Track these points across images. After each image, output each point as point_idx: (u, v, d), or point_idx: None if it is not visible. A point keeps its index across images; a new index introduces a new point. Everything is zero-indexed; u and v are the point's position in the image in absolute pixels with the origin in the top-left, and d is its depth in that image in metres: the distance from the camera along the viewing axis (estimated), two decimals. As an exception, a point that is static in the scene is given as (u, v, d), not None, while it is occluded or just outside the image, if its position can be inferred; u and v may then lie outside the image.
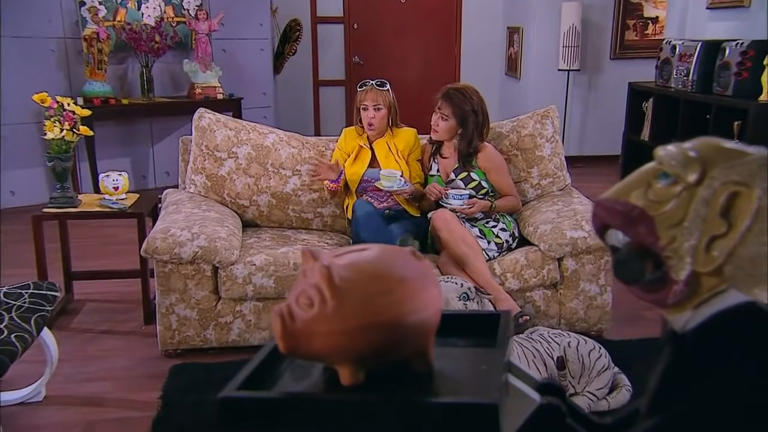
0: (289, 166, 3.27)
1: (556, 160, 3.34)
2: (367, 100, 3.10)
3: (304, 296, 0.87)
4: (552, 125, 3.34)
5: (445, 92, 3.07)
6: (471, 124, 3.03)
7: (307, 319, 0.86)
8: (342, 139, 3.26)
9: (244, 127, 3.27)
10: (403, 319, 0.84)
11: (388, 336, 0.84)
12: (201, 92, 5.64)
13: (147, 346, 3.00)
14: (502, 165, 3.13)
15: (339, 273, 0.85)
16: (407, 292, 0.85)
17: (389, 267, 0.87)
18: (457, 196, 2.99)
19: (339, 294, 0.84)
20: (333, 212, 3.33)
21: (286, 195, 3.26)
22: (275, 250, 2.89)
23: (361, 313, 0.83)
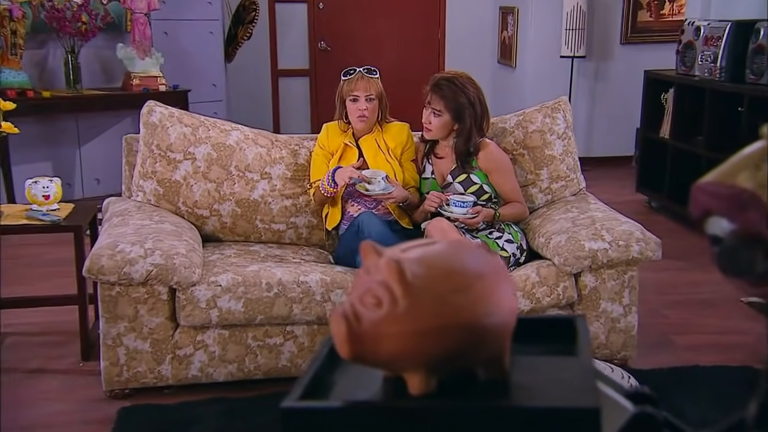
0: (257, 168, 3.29)
1: (568, 160, 3.43)
2: (358, 89, 3.16)
3: (370, 295, 0.91)
4: (564, 119, 3.43)
5: (434, 83, 3.14)
6: (468, 119, 3.10)
7: (376, 320, 0.90)
8: (323, 137, 3.30)
9: (202, 123, 3.30)
10: (480, 320, 0.89)
11: (463, 338, 0.88)
12: (139, 83, 5.64)
13: (88, 387, 2.99)
14: (506, 165, 3.20)
15: (411, 269, 0.89)
16: (484, 289, 0.90)
17: (464, 262, 0.92)
18: (460, 203, 3.05)
19: (411, 292, 0.88)
20: (309, 222, 3.37)
21: (254, 203, 3.29)
22: (244, 268, 2.91)
23: (435, 313, 0.88)
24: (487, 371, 0.95)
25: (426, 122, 3.15)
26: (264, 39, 7.15)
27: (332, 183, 3.11)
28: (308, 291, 2.85)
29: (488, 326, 0.89)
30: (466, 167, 3.16)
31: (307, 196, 3.34)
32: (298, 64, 7.30)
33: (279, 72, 7.30)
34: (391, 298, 0.89)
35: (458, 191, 3.16)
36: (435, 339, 0.88)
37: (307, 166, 3.35)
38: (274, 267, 2.95)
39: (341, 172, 3.09)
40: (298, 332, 2.92)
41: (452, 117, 3.11)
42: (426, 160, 3.29)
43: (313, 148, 3.36)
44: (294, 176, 3.35)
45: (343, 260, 3.10)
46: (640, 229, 3.02)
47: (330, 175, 3.12)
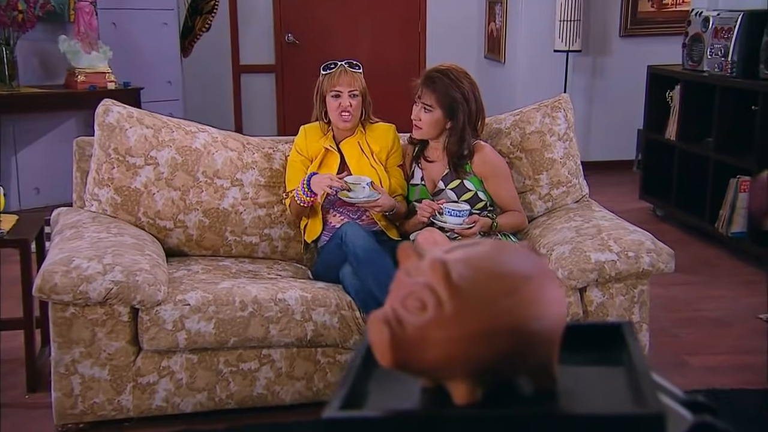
0: (227, 174, 3.32)
1: (570, 164, 3.51)
2: (341, 84, 3.21)
3: (413, 298, 0.95)
4: (565, 119, 3.51)
5: (425, 76, 3.20)
6: (461, 115, 3.16)
7: (421, 324, 0.94)
8: (301, 141, 3.34)
9: (165, 124, 3.33)
10: (529, 324, 0.93)
11: (512, 344, 0.93)
12: (84, 80, 5.65)
13: (35, 422, 2.99)
14: (503, 170, 3.27)
15: (457, 270, 0.93)
16: (533, 291, 0.95)
17: (511, 263, 0.97)
18: (455, 211, 3.09)
19: (458, 294, 0.92)
20: (285, 234, 3.41)
21: (224, 212, 3.31)
22: (214, 285, 2.94)
23: (483, 317, 0.92)
24: (535, 380, 1.00)
25: (415, 118, 3.20)
26: (224, 31, 7.19)
27: (308, 192, 3.15)
28: (287, 310, 2.88)
29: (537, 331, 0.94)
30: (460, 172, 3.21)
31: (282, 206, 3.38)
32: (263, 59, 7.35)
33: (241, 68, 7.33)
34: (437, 301, 0.93)
35: (451, 199, 3.21)
36: (483, 344, 0.93)
37: (282, 171, 3.39)
38: (248, 284, 2.98)
39: (318, 179, 3.13)
40: (275, 356, 2.94)
41: (444, 113, 3.16)
42: (415, 164, 3.34)
43: (289, 152, 3.40)
44: (268, 183, 3.38)
45: (324, 275, 3.14)
46: (650, 239, 3.08)
47: (305, 183, 3.16)
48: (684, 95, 5.44)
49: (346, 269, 2.97)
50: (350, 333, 2.94)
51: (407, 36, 7.54)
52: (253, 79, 7.39)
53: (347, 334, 2.94)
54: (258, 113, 7.42)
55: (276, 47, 7.33)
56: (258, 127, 7.29)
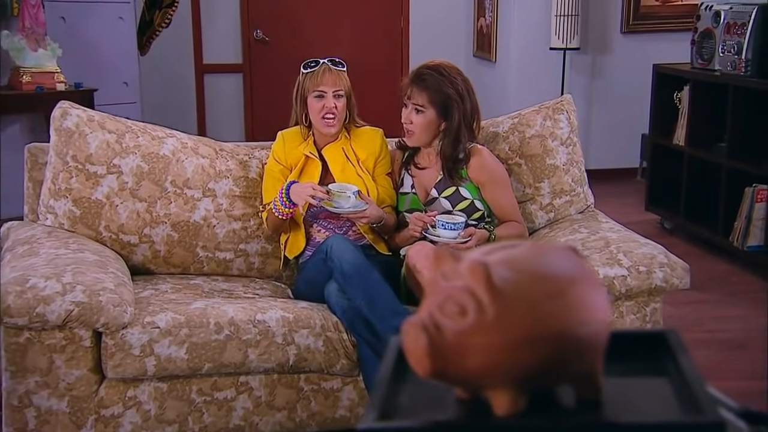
0: (199, 184, 3.35)
1: (574, 171, 3.57)
2: (324, 84, 3.24)
3: (451, 303, 0.98)
4: (568, 122, 3.57)
5: (415, 74, 3.24)
6: (456, 115, 3.20)
7: (461, 330, 0.97)
8: (279, 147, 3.37)
9: (130, 128, 3.35)
10: (574, 329, 0.97)
11: (556, 350, 0.96)
12: (30, 81, 5.63)
13: (-14, 459, 2.98)
14: (502, 177, 3.31)
15: (498, 272, 0.97)
16: (578, 295, 0.99)
17: (555, 265, 1.00)
18: (449, 224, 3.12)
19: (500, 298, 0.96)
20: (262, 249, 3.43)
21: (195, 226, 3.34)
22: (186, 306, 2.95)
23: (527, 322, 0.96)
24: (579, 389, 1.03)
25: (406, 122, 3.23)
26: (186, 27, 7.21)
27: (287, 203, 3.17)
28: (267, 332, 2.91)
29: (583, 337, 0.98)
30: (455, 178, 3.25)
31: (259, 218, 3.41)
32: (229, 58, 7.38)
33: (205, 67, 7.36)
34: (478, 305, 0.97)
35: (445, 208, 3.25)
36: (526, 351, 0.96)
37: (259, 181, 3.42)
38: (224, 303, 3.00)
39: (299, 189, 3.15)
40: (253, 383, 2.96)
41: (437, 113, 3.20)
42: (404, 170, 3.38)
43: (266, 160, 3.43)
44: (244, 193, 3.41)
45: (306, 294, 3.17)
46: (663, 252, 3.14)
47: (284, 193, 3.18)
48: (693, 96, 5.53)
49: (332, 287, 3.00)
50: (336, 357, 2.96)
51: (388, 33, 7.60)
52: (219, 79, 7.41)
53: (333, 359, 2.96)
54: (224, 117, 7.44)
55: (244, 45, 7.36)
56: (224, 132, 7.30)
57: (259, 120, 7.37)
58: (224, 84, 7.43)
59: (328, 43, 7.27)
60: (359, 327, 2.92)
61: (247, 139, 7.15)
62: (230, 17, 7.35)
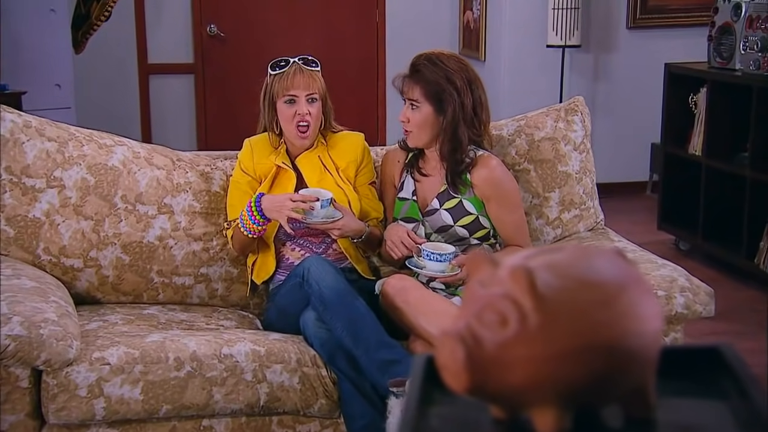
0: (153, 199, 3.36)
1: (586, 182, 3.63)
2: (296, 87, 3.27)
3: (491, 312, 1.01)
4: (582, 125, 3.65)
5: (409, 67, 3.27)
6: (450, 108, 3.21)
7: (502, 341, 1.00)
8: (246, 156, 3.39)
9: (74, 136, 3.36)
10: (625, 340, 1.00)
11: (606, 363, 0.99)
12: (-53, 82, 5.63)
13: None
14: (511, 193, 3.34)
15: (542, 278, 1.00)
16: (629, 303, 1.02)
17: (603, 269, 1.04)
18: (436, 255, 3.13)
19: (545, 305, 0.99)
20: (227, 274, 3.45)
21: (149, 248, 3.35)
22: (140, 339, 2.96)
23: (574, 331, 0.99)
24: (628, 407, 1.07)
25: (403, 119, 3.27)
26: (128, 21, 7.20)
27: (258, 218, 3.18)
28: (234, 368, 2.92)
29: (634, 349, 1.01)
30: (458, 185, 3.28)
31: (223, 238, 3.43)
32: (178, 56, 7.37)
33: (150, 68, 7.34)
34: (520, 313, 1.00)
35: (445, 222, 3.28)
36: (573, 363, 1.00)
37: (223, 195, 3.44)
38: (184, 336, 3.01)
39: (274, 202, 3.16)
40: (218, 428, 2.97)
41: (434, 108, 3.23)
42: (407, 173, 3.41)
43: (231, 171, 3.45)
44: (205, 210, 3.43)
45: (278, 324, 3.19)
46: (684, 275, 3.19)
47: (254, 206, 3.18)
48: (711, 100, 5.58)
49: (309, 315, 3.02)
50: (314, 396, 2.98)
51: (362, 28, 7.63)
52: (167, 81, 7.40)
53: (310, 398, 2.98)
54: (172, 124, 7.42)
55: (196, 41, 7.36)
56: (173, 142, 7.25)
57: (213, 127, 7.36)
58: (173, 86, 7.41)
59: (294, 39, 7.28)
60: (340, 361, 2.94)
61: (199, 149, 7.14)
62: (180, 10, 7.34)
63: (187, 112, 7.45)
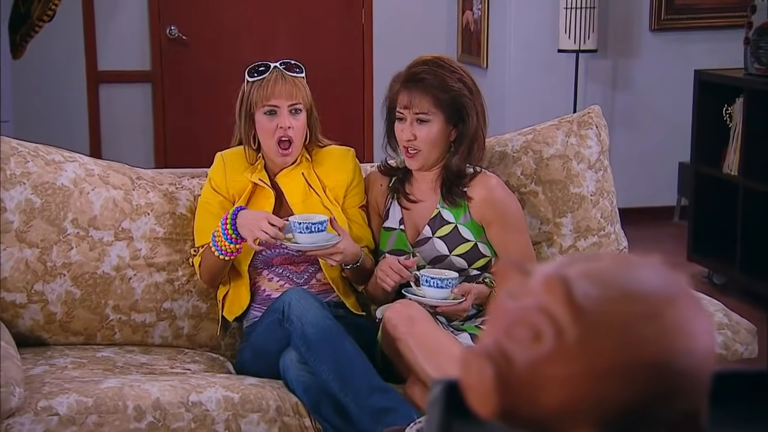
0: (109, 223, 3.37)
1: (604, 204, 3.65)
2: (277, 96, 3.27)
3: (522, 326, 1.02)
4: (597, 139, 3.67)
5: (408, 76, 3.26)
6: (474, 115, 3.25)
7: (535, 359, 1.02)
8: (218, 173, 3.39)
9: (16, 150, 3.37)
10: (674, 358, 1.01)
11: (652, 384, 1.00)
12: None
13: None
14: (515, 215, 3.36)
15: (581, 287, 1.01)
16: (678, 317, 1.03)
17: (648, 279, 1.05)
18: (436, 281, 3.14)
19: (584, 318, 1.00)
20: (194, 309, 3.46)
21: (104, 280, 3.35)
22: (94, 386, 2.96)
23: (616, 348, 0.99)
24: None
25: (409, 138, 3.23)
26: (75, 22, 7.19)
27: (233, 236, 3.18)
28: (204, 418, 2.92)
29: (684, 368, 1.02)
30: (455, 205, 3.29)
31: (190, 268, 3.44)
32: (133, 63, 7.36)
33: (101, 75, 7.33)
34: (556, 327, 1.01)
35: (439, 252, 3.30)
36: (615, 383, 1.00)
37: (190, 218, 3.45)
38: (145, 382, 3.02)
39: (249, 218, 3.16)
40: (186, 488, 2.98)
41: (447, 119, 3.24)
42: (391, 199, 3.43)
43: (200, 191, 3.46)
44: (169, 235, 3.44)
45: (254, 367, 3.20)
46: (722, 310, 3.22)
47: (229, 222, 3.18)
48: (749, 111, 5.59)
49: (290, 357, 3.03)
50: (296, 450, 2.99)
51: (345, 30, 7.63)
52: (119, 91, 7.38)
53: (292, 453, 2.99)
54: (126, 140, 7.39)
55: (153, 46, 7.35)
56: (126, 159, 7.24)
57: (174, 143, 7.34)
58: (127, 97, 7.40)
59: (267, 43, 7.29)
60: (326, 409, 2.95)
61: (157, 167, 7.12)
62: (135, 10, 7.32)
63: (143, 126, 7.43)
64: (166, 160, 7.25)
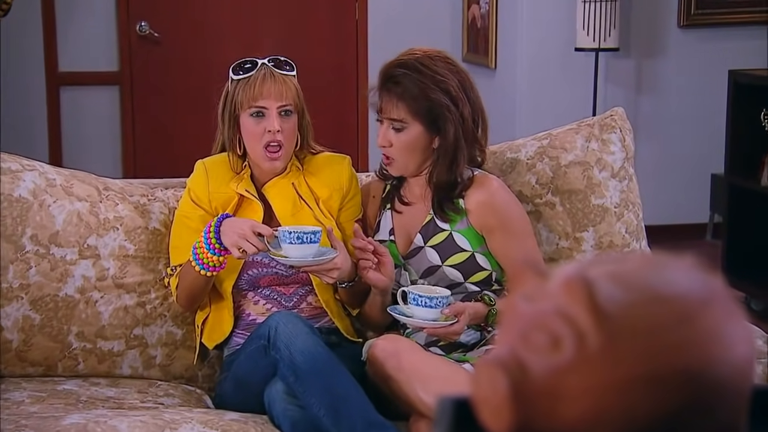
0: (73, 240, 3.37)
1: (629, 218, 3.65)
2: (265, 97, 3.27)
3: (540, 332, 1.02)
4: (621, 144, 3.67)
5: (384, 76, 3.29)
6: (451, 128, 3.23)
7: (553, 368, 1.02)
8: (198, 183, 3.39)
9: (-32, 155, 3.37)
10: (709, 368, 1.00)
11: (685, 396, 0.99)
12: None
13: None
14: (518, 220, 3.36)
15: (605, 289, 1.02)
16: (712, 322, 1.02)
17: (679, 280, 1.05)
18: (425, 299, 3.13)
19: (608, 323, 1.00)
20: (168, 336, 3.46)
21: (66, 303, 3.35)
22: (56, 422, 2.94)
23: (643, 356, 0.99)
24: None
25: (384, 144, 3.27)
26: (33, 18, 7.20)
27: (218, 247, 3.16)
28: (180, 458, 2.92)
29: (719, 378, 1.02)
30: (448, 213, 3.29)
31: (165, 289, 3.44)
32: (99, 63, 7.36)
33: (62, 77, 7.33)
34: (576, 333, 1.00)
35: (432, 263, 3.31)
36: (643, 395, 1.00)
37: (165, 233, 3.46)
38: (113, 417, 3.00)
39: (236, 226, 3.14)
40: None
41: (426, 126, 3.25)
42: (383, 209, 3.45)
43: (177, 203, 3.47)
44: (141, 253, 3.44)
45: (236, 400, 3.19)
46: (762, 336, 3.22)
47: (212, 232, 3.17)
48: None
49: (276, 389, 3.02)
50: (283, 493, 2.99)
51: (337, 26, 7.63)
52: (83, 94, 7.39)
53: (279, 496, 2.99)
54: (90, 147, 7.37)
55: (122, 44, 7.34)
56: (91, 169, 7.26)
57: (144, 151, 7.32)
58: (92, 100, 7.40)
59: (249, 40, 7.24)
60: (318, 446, 2.95)
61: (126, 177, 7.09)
62: (101, 3, 7.29)
63: (110, 132, 7.42)
64: (136, 169, 7.23)
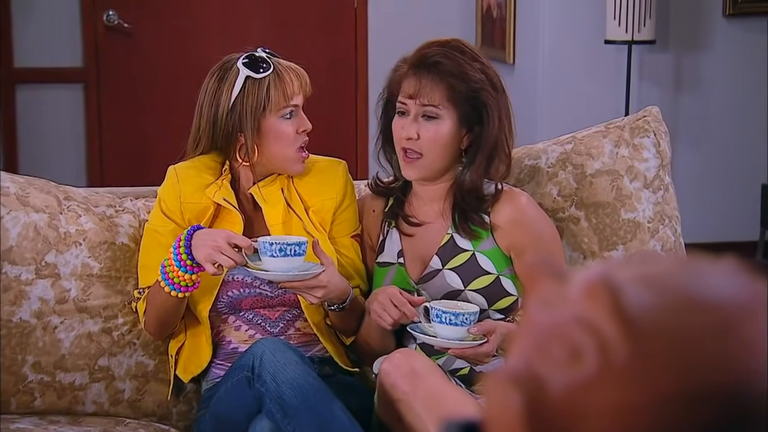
0: (29, 257, 3.39)
1: (665, 233, 3.66)
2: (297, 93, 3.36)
3: (558, 343, 1.02)
4: (656, 150, 3.67)
5: (418, 58, 3.26)
6: (496, 115, 3.26)
7: (574, 384, 1.02)
8: (170, 192, 3.40)
9: None
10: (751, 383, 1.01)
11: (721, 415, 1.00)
12: None
13: None
14: (551, 236, 3.39)
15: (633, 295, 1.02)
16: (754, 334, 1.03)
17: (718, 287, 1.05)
18: (450, 315, 3.14)
19: (637, 333, 1.00)
20: (138, 367, 3.48)
21: (21, 329, 3.37)
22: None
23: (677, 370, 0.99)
24: None
25: (409, 137, 3.24)
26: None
27: (189, 263, 3.15)
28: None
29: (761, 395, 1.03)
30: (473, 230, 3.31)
31: (133, 314, 3.45)
32: (61, 58, 7.39)
33: (17, 74, 7.37)
34: (600, 344, 1.01)
35: (452, 287, 3.32)
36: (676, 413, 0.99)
37: (133, 249, 3.48)
38: (74, 459, 3.03)
39: (208, 239, 3.14)
40: None
41: (460, 119, 3.25)
42: (388, 227, 3.46)
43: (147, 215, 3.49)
44: (107, 272, 3.46)
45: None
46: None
47: (182, 244, 3.17)
48: None
49: (261, 426, 3.04)
50: None
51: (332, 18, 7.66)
52: (42, 92, 7.41)
53: None
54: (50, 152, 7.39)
55: (86, 37, 7.36)
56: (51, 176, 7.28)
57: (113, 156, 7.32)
58: (52, 99, 7.42)
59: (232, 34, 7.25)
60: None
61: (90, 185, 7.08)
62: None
63: (73, 135, 7.45)
64: (102, 176, 7.24)
